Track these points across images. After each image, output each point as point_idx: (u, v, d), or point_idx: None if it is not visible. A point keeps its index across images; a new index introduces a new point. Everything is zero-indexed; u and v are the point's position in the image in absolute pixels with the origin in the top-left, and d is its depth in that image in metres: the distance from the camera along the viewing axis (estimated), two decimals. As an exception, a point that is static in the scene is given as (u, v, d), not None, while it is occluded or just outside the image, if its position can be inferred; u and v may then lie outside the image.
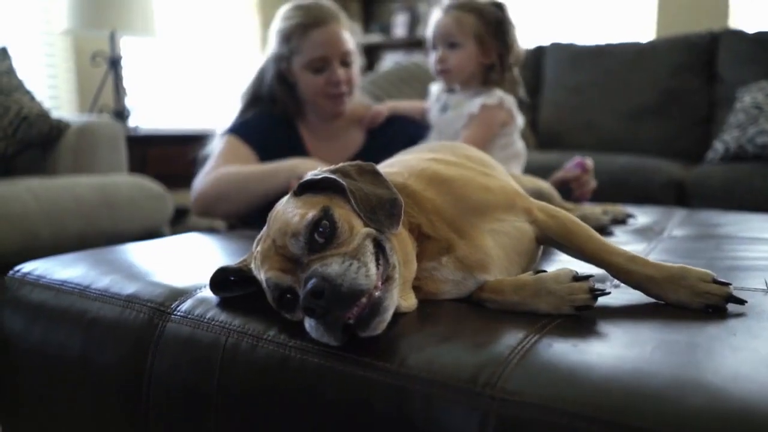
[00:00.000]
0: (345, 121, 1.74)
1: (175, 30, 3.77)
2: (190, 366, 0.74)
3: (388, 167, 0.90)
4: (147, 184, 2.22)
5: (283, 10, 1.67)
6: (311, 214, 0.67)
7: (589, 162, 1.62)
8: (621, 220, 1.43)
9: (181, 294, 0.83)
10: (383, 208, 0.71)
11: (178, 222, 2.76)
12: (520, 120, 1.61)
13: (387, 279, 0.66)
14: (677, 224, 1.43)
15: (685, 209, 1.74)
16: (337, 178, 0.71)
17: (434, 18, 1.61)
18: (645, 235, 1.31)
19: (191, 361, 0.74)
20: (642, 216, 1.53)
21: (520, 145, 1.63)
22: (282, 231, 0.68)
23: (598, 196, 2.31)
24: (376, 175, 0.76)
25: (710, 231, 1.36)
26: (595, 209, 1.39)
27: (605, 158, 2.66)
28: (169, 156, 2.93)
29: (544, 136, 3.34)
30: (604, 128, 3.18)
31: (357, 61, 1.70)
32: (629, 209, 1.57)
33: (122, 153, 2.42)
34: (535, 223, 0.84)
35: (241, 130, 1.65)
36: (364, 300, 0.61)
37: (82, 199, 1.99)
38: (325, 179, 0.72)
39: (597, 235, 0.81)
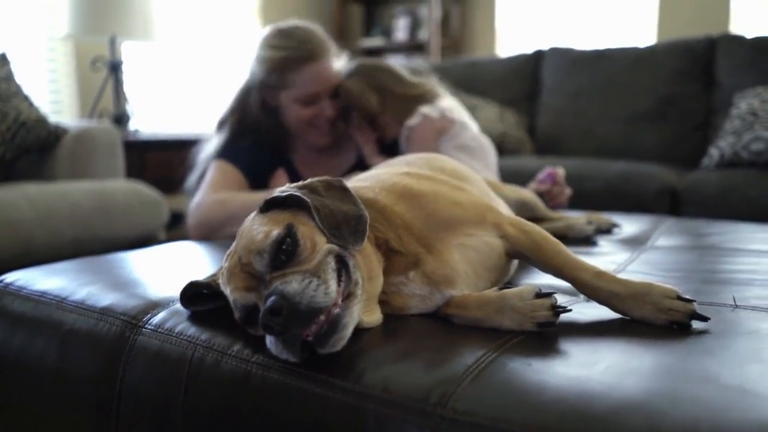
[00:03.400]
0: (337, 142, 1.73)
1: (175, 34, 3.79)
2: (158, 380, 0.75)
3: (361, 181, 0.91)
4: (142, 189, 2.24)
5: (268, 36, 1.60)
6: (275, 232, 0.68)
7: (561, 172, 1.60)
8: (606, 230, 1.43)
9: (154, 306, 0.84)
10: (348, 225, 0.72)
11: (175, 226, 2.77)
12: (463, 118, 1.64)
13: (348, 295, 0.67)
14: (663, 234, 1.43)
15: (674, 218, 1.74)
16: (302, 196, 0.72)
17: None
18: (629, 245, 1.31)
19: (159, 375, 0.75)
20: (629, 225, 1.53)
21: (480, 142, 1.64)
22: (247, 248, 0.69)
23: (591, 203, 2.31)
24: (344, 190, 0.77)
25: (694, 242, 1.35)
26: (579, 219, 1.39)
27: (600, 165, 2.67)
28: (168, 161, 2.95)
29: (542, 142, 3.34)
30: (602, 134, 3.18)
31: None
32: (618, 218, 1.58)
33: (119, 158, 2.44)
34: (505, 238, 0.84)
35: (232, 155, 1.64)
36: (322, 317, 0.62)
37: (78, 205, 2.01)
38: (290, 197, 0.73)
39: (566, 250, 0.82)
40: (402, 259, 0.78)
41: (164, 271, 1.11)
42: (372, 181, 0.89)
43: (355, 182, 0.92)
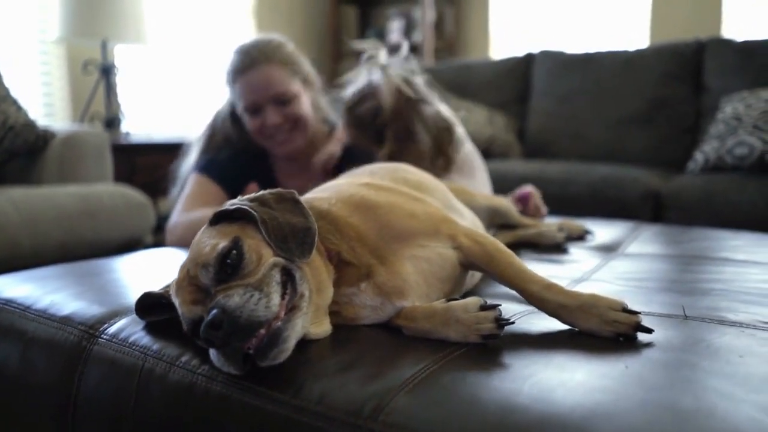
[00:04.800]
0: (312, 149, 1.72)
1: (167, 37, 3.81)
2: (111, 390, 0.76)
3: (321, 191, 0.93)
4: (129, 193, 2.25)
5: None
6: (222, 245, 0.70)
7: (536, 194, 1.59)
8: (578, 237, 1.44)
9: (113, 316, 0.85)
10: (295, 237, 0.73)
11: (163, 230, 2.79)
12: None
13: (293, 308, 0.68)
14: (635, 241, 1.43)
15: (651, 224, 1.74)
16: (250, 209, 0.73)
17: None
18: (599, 253, 1.32)
19: (113, 384, 0.76)
20: (604, 231, 1.53)
21: (468, 161, 1.66)
22: (194, 261, 0.71)
23: (575, 207, 2.31)
24: (296, 203, 0.78)
25: (664, 249, 1.36)
26: (551, 226, 1.40)
27: (585, 168, 2.68)
28: (158, 164, 2.96)
29: (531, 145, 3.34)
30: (591, 137, 3.18)
31: (301, 96, 1.64)
32: (596, 224, 1.58)
33: (108, 162, 2.45)
34: (459, 249, 0.85)
35: (208, 168, 1.66)
36: (262, 331, 0.63)
37: (64, 208, 2.02)
38: (238, 209, 0.75)
39: (518, 262, 0.83)
40: (354, 271, 0.79)
41: (135, 279, 1.12)
42: (331, 191, 0.90)
43: (316, 193, 0.93)
